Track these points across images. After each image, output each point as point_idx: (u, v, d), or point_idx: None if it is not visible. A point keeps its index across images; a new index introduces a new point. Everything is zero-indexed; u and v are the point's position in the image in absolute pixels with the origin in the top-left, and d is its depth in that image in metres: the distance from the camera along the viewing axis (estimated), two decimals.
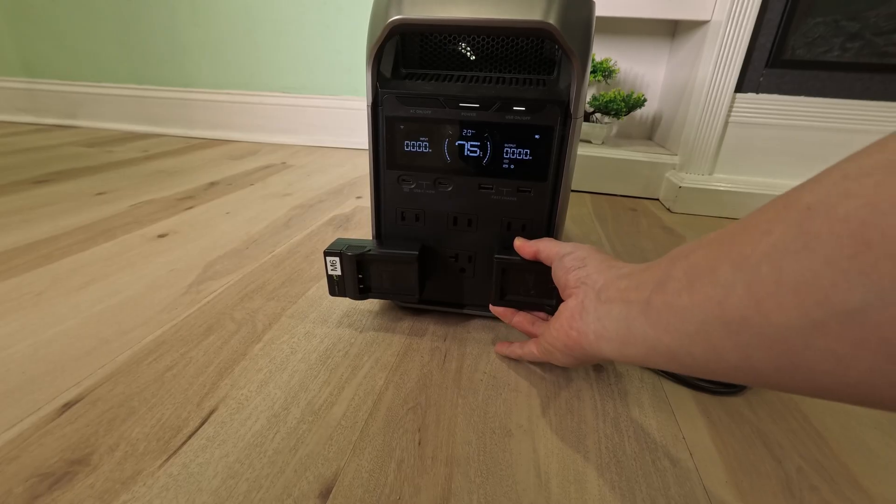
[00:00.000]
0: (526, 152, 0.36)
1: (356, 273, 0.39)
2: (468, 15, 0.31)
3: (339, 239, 0.41)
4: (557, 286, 0.33)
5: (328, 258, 0.39)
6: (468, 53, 0.39)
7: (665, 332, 0.21)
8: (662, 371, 0.38)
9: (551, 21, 0.30)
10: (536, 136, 0.35)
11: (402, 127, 0.37)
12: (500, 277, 0.38)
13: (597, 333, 0.26)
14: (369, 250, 0.39)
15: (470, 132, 0.36)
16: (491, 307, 0.40)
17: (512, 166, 0.37)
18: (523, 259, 0.36)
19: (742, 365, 0.18)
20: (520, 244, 0.36)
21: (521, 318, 0.39)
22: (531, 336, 0.38)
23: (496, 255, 0.37)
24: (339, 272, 0.40)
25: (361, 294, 0.41)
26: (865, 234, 0.13)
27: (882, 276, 0.13)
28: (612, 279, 0.27)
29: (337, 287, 0.41)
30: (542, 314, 0.39)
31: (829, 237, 0.14)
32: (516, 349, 0.38)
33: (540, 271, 0.35)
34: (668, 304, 0.21)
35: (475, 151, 0.37)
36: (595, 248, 0.32)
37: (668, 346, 0.21)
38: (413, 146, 0.37)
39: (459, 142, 0.37)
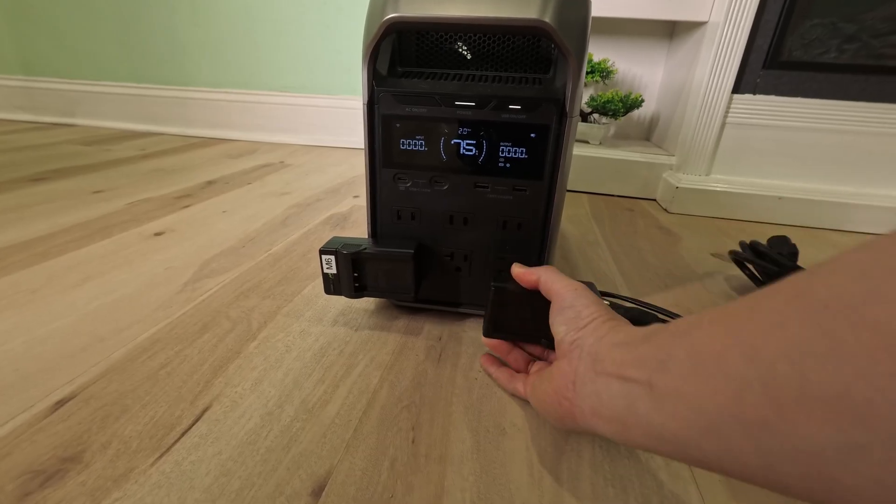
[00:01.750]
0: (522, 151, 0.36)
1: (352, 271, 0.39)
2: (464, 13, 0.31)
3: (334, 237, 0.41)
4: (552, 330, 0.30)
5: (323, 256, 0.39)
6: (464, 52, 0.39)
7: (673, 419, 0.18)
8: None
9: (547, 19, 0.30)
10: (532, 135, 0.35)
11: (397, 125, 0.37)
12: (494, 307, 0.35)
13: (593, 410, 0.23)
14: (365, 248, 0.39)
15: (466, 131, 0.36)
16: (483, 339, 0.37)
17: (508, 165, 0.37)
18: (521, 288, 0.34)
19: (764, 472, 0.16)
20: (520, 272, 0.34)
21: (517, 356, 0.36)
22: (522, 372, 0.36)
23: (493, 283, 0.35)
24: (334, 270, 0.40)
25: (357, 292, 0.40)
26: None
27: None
28: (608, 348, 0.24)
29: (332, 285, 0.41)
30: (537, 350, 0.36)
31: (857, 346, 0.13)
32: (503, 378, 0.36)
33: (538, 304, 0.32)
34: (675, 391, 0.18)
35: (471, 150, 0.37)
36: (595, 299, 0.29)
37: (675, 435, 0.18)
38: (409, 144, 0.37)
39: (455, 140, 0.37)
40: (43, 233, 0.61)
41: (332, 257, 0.39)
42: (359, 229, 0.68)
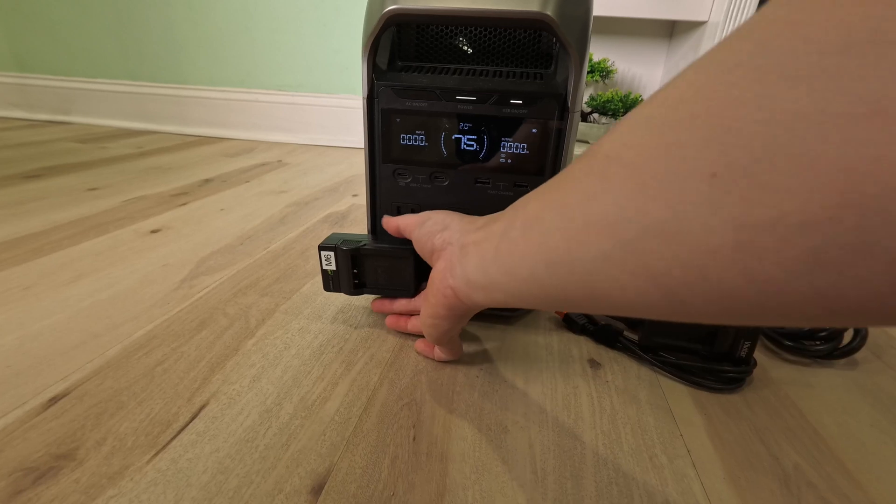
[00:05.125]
0: (523, 146, 0.36)
1: (351, 268, 0.39)
2: (466, 5, 0.31)
3: (334, 234, 0.41)
4: (423, 256, 0.34)
5: (323, 252, 0.39)
6: (465, 47, 0.38)
7: (510, 277, 0.23)
8: (659, 367, 0.38)
9: (549, 13, 0.30)
10: (533, 130, 0.35)
11: (398, 120, 0.36)
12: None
13: (468, 284, 0.28)
14: (364, 245, 0.38)
15: (466, 125, 0.36)
16: (388, 321, 0.42)
17: (509, 160, 0.36)
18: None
19: (562, 297, 0.21)
20: (386, 219, 0.38)
21: (416, 322, 0.39)
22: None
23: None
24: (333, 267, 0.39)
25: (356, 289, 0.40)
26: (639, 177, 0.16)
27: (648, 212, 0.15)
28: (470, 232, 0.29)
29: (331, 282, 0.40)
30: (401, 303, 0.41)
31: (618, 180, 0.17)
32: (403, 323, 0.40)
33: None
34: (509, 252, 0.23)
35: (472, 145, 0.36)
36: (450, 211, 0.34)
37: (516, 288, 0.23)
38: (409, 139, 0.37)
39: (456, 135, 0.36)
40: (37, 229, 0.60)
41: (332, 253, 0.39)
42: (358, 228, 0.68)
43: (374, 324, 0.43)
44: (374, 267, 0.39)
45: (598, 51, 0.99)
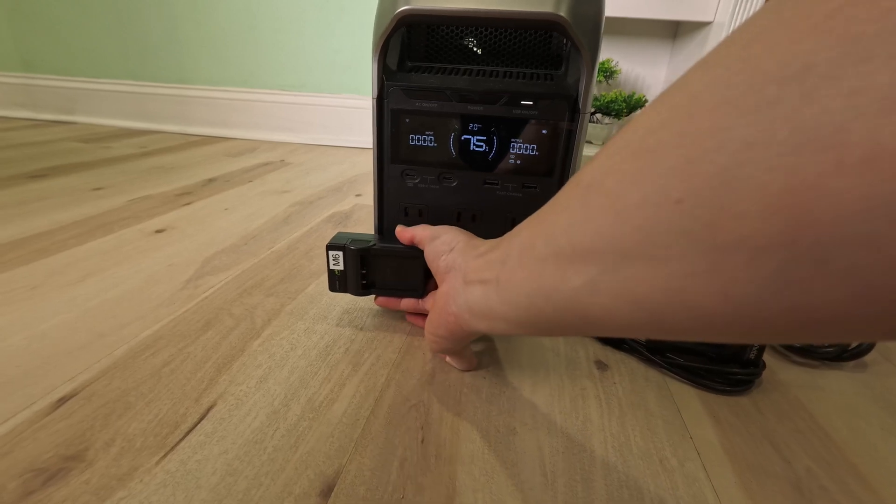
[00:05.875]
0: (533, 148, 0.36)
1: (360, 268, 0.39)
2: (478, 6, 0.31)
3: (340, 233, 0.41)
4: (432, 271, 0.35)
5: (331, 252, 0.38)
6: (475, 47, 0.38)
7: (510, 306, 0.24)
8: (667, 369, 0.38)
9: (562, 13, 0.30)
10: (544, 132, 0.35)
11: (407, 120, 0.36)
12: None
13: (470, 313, 0.28)
14: (373, 244, 0.38)
15: (476, 126, 0.36)
16: (377, 301, 0.42)
17: (518, 162, 0.36)
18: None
19: (560, 323, 0.21)
20: (399, 230, 0.38)
21: (407, 303, 0.41)
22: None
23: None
24: (341, 267, 0.39)
25: (364, 290, 0.40)
26: (617, 204, 0.16)
27: (627, 238, 0.16)
28: (472, 260, 0.29)
29: (338, 282, 0.40)
30: (410, 304, 0.41)
31: (598, 208, 0.17)
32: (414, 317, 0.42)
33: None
34: (508, 281, 0.24)
35: (481, 146, 0.36)
36: (458, 230, 0.34)
37: (516, 317, 0.24)
38: (418, 140, 0.37)
39: (465, 136, 0.36)
40: (42, 229, 0.60)
41: (340, 253, 0.38)
42: (361, 228, 0.68)
43: (379, 325, 0.43)
44: (384, 267, 0.39)
45: (601, 51, 0.99)
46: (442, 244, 0.33)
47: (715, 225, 0.13)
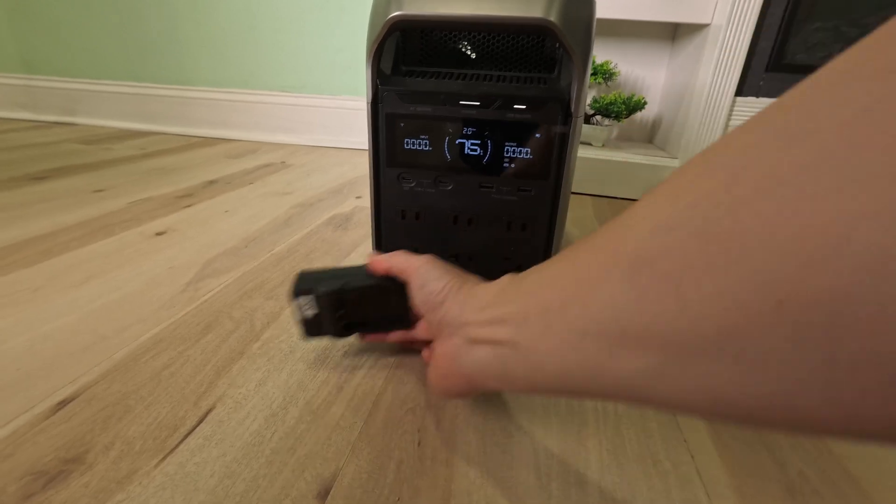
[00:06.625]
0: (527, 151, 0.36)
1: (336, 309, 0.34)
2: (469, 11, 0.31)
3: (302, 272, 0.36)
4: (425, 322, 0.32)
5: (299, 300, 0.33)
6: (469, 51, 0.38)
7: (535, 370, 0.21)
8: None
9: (552, 18, 0.30)
10: (537, 135, 0.35)
11: (402, 124, 0.37)
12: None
13: (481, 373, 0.25)
14: (346, 282, 0.34)
15: (470, 130, 0.36)
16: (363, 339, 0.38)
17: (512, 165, 0.37)
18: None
19: (601, 395, 0.20)
20: (374, 261, 0.34)
21: (396, 335, 0.37)
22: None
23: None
24: (315, 311, 0.34)
25: (346, 331, 0.35)
26: (683, 293, 0.14)
27: (703, 333, 0.14)
28: (473, 313, 0.26)
29: (314, 327, 0.35)
30: (398, 336, 0.37)
31: (655, 294, 0.15)
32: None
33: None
34: (533, 348, 0.21)
35: (476, 150, 0.37)
36: (443, 269, 0.31)
37: (543, 381, 0.21)
38: (413, 144, 0.37)
39: (460, 140, 0.36)
40: (44, 231, 0.60)
41: (311, 297, 0.33)
42: (362, 230, 0.68)
43: None
44: (364, 303, 0.34)
45: (600, 53, 0.99)
46: (431, 294, 0.29)
47: (836, 337, 0.11)
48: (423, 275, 0.30)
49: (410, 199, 0.40)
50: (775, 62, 0.78)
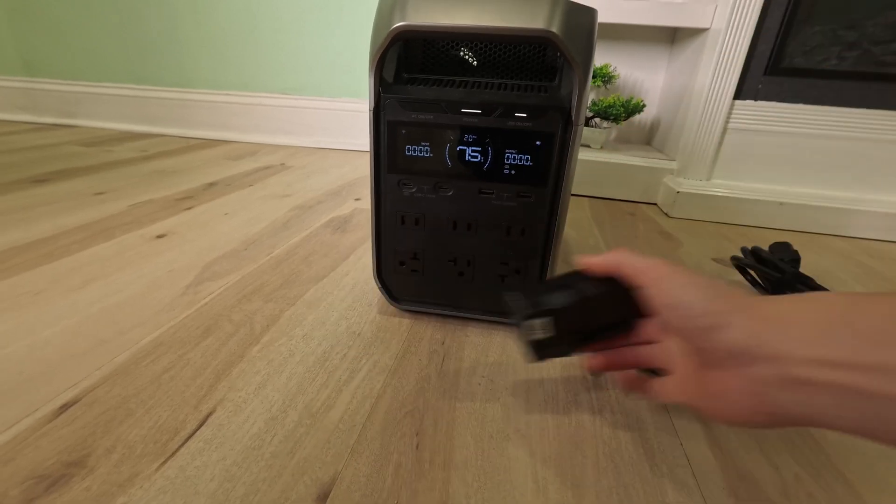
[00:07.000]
0: (527, 158, 0.36)
1: (574, 324, 0.30)
2: (472, 22, 0.32)
3: (510, 293, 0.31)
4: (672, 331, 0.27)
5: (535, 322, 0.29)
6: (470, 59, 0.39)
7: None
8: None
9: (553, 29, 0.31)
10: (538, 143, 0.35)
11: (403, 131, 0.37)
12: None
13: (811, 419, 0.21)
14: (584, 291, 0.30)
15: (471, 137, 0.36)
16: (588, 367, 0.32)
17: (512, 172, 0.37)
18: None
19: None
20: (591, 262, 0.30)
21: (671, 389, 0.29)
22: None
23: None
24: (551, 333, 0.29)
25: (582, 344, 0.32)
26: None
27: None
28: (795, 347, 0.21)
29: (547, 350, 0.30)
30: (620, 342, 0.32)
31: None
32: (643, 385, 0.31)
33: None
34: None
35: (476, 157, 0.37)
36: (694, 280, 0.24)
37: None
38: (414, 150, 0.37)
39: (460, 147, 0.37)
40: (46, 234, 0.60)
41: (550, 320, 0.29)
42: (361, 232, 0.68)
43: (377, 330, 0.43)
44: (597, 313, 0.31)
45: (599, 56, 1.00)
46: (690, 319, 0.24)
47: None
48: (673, 294, 0.25)
49: (411, 204, 0.40)
50: (774, 65, 0.78)
